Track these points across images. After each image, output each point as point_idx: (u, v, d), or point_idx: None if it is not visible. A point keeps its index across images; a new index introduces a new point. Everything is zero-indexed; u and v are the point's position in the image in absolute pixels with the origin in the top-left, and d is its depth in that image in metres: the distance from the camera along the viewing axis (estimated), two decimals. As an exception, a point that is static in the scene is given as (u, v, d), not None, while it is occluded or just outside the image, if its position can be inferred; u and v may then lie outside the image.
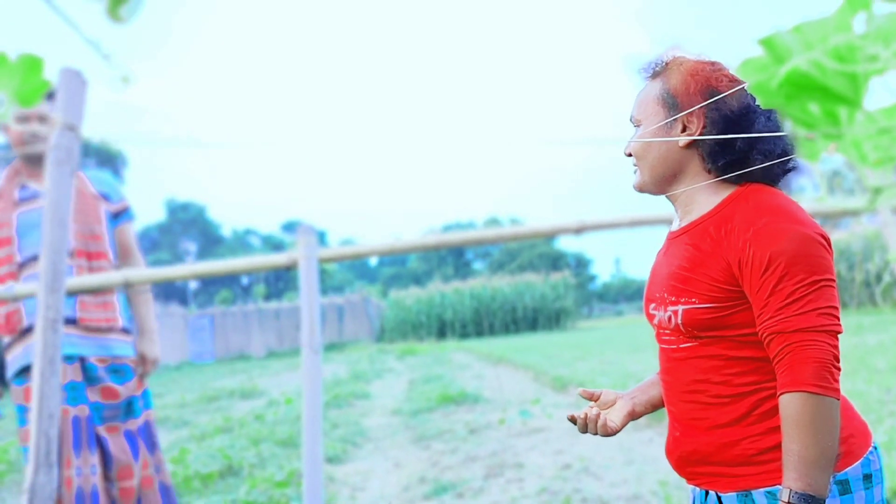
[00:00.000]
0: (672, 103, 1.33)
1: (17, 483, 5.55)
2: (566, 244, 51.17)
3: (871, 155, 0.56)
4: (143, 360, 2.97)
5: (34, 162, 2.76)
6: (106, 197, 2.94)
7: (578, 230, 1.80)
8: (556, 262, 44.83)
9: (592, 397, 1.48)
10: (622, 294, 52.45)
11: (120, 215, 2.96)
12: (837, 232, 16.88)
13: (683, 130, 1.33)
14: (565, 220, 1.81)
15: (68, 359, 2.62)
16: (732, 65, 1.33)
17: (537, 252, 46.10)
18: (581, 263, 50.84)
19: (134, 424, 2.85)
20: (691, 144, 1.33)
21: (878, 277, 16.34)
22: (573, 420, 1.45)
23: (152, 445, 2.88)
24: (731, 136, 1.28)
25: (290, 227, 56.24)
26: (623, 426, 1.43)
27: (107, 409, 2.78)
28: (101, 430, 2.75)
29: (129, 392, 2.84)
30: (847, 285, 16.93)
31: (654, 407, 1.48)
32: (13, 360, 2.78)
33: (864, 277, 16.69)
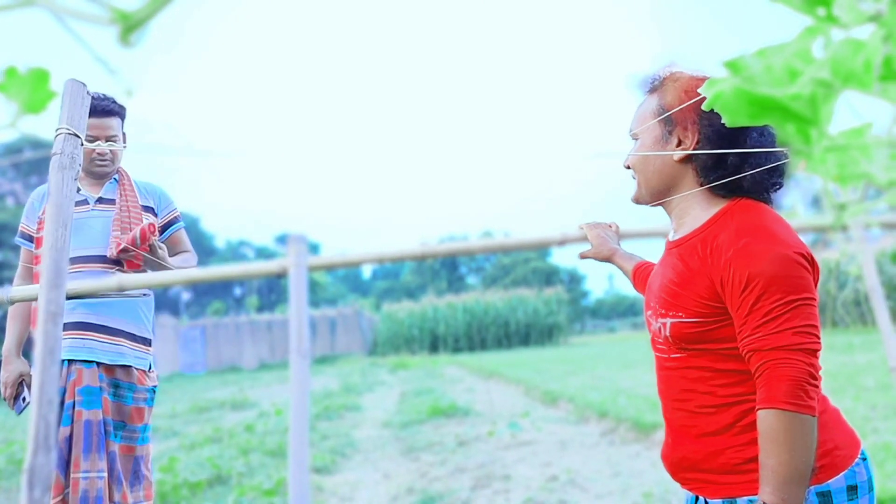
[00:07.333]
0: (667, 118, 1.36)
1: (5, 490, 5.53)
2: (560, 260, 51.22)
3: (831, 171, 0.60)
4: None
5: (94, 175, 2.74)
6: (151, 211, 2.86)
7: (562, 242, 1.84)
8: (549, 277, 44.88)
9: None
10: (615, 310, 52.48)
11: (166, 228, 2.88)
12: (829, 251, 16.99)
13: (679, 145, 1.35)
14: (549, 232, 1.86)
15: (86, 363, 2.61)
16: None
17: (531, 267, 46.14)
18: (574, 279, 50.86)
19: (126, 450, 2.67)
20: (686, 159, 1.35)
21: (868, 297, 16.41)
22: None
23: (136, 479, 2.68)
24: (724, 151, 1.30)
25: (283, 239, 56.02)
26: (596, 253, 1.80)
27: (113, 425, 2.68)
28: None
29: (139, 418, 2.70)
30: (837, 304, 17.00)
31: (623, 269, 1.77)
32: None
33: (854, 296, 16.77)
